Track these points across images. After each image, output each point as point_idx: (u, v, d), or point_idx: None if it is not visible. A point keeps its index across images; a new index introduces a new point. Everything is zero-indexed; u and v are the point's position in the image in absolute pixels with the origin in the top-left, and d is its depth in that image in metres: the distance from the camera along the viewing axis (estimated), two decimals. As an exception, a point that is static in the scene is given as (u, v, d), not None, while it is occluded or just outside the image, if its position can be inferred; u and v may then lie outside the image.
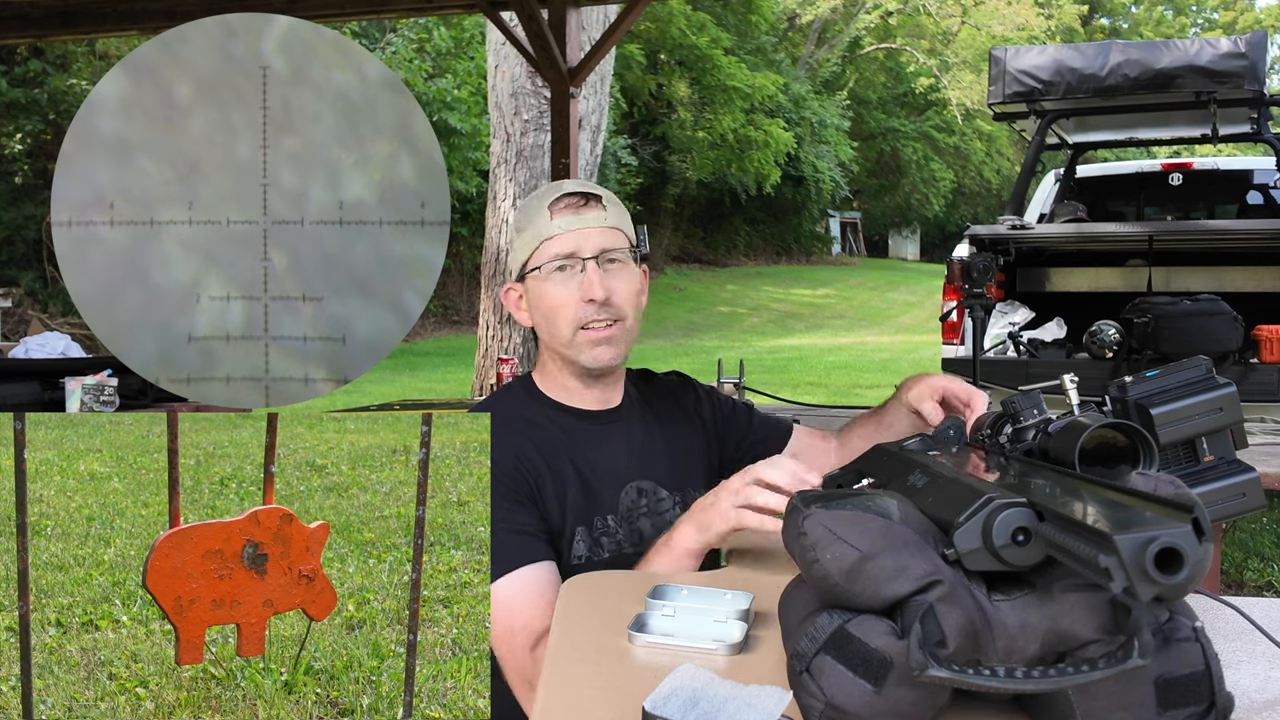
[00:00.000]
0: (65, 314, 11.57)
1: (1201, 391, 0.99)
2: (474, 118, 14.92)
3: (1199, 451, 0.99)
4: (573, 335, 1.41)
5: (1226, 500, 0.98)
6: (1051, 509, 0.69)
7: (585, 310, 1.39)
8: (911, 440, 1.20)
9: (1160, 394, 0.99)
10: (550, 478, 1.37)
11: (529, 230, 1.42)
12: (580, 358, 1.42)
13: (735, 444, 1.61)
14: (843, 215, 30.48)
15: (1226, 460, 1.00)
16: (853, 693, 0.73)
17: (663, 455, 1.49)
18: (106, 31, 5.68)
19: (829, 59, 28.85)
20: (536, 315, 1.45)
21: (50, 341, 4.11)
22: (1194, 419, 0.98)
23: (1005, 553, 0.71)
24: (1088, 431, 0.86)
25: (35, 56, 13.01)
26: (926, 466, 0.97)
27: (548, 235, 1.40)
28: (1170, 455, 0.99)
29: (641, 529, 1.43)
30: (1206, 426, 0.98)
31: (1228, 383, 1.00)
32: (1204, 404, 0.98)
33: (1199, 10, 42.15)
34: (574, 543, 1.37)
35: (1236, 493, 0.98)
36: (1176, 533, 0.57)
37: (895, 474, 1.09)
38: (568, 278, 1.40)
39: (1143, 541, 0.57)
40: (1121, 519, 0.60)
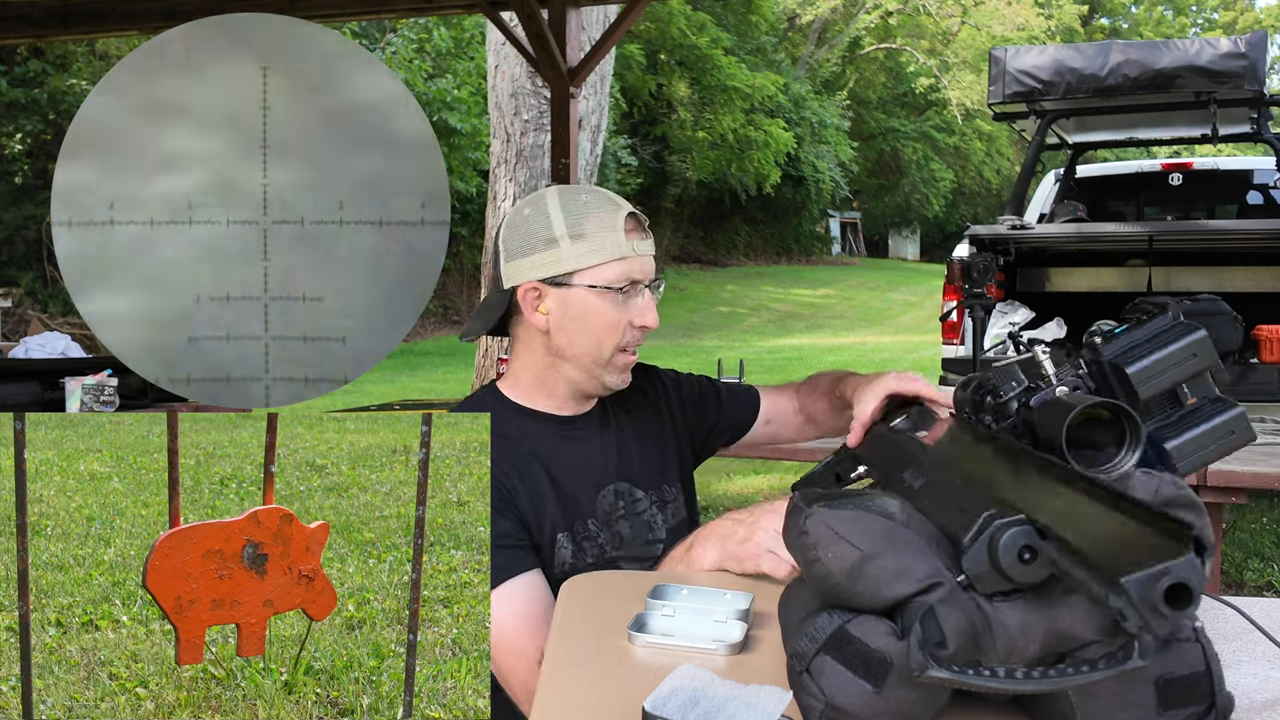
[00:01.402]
0: (65, 314, 11.57)
1: (1173, 341, 0.96)
2: (474, 118, 14.91)
3: (1181, 397, 0.98)
4: (611, 356, 1.40)
5: (1218, 440, 0.96)
6: (1052, 529, 0.69)
7: (633, 335, 1.40)
8: (899, 420, 1.20)
9: (1133, 350, 0.98)
10: (524, 487, 1.36)
11: (591, 240, 1.36)
12: (608, 378, 1.42)
13: (710, 426, 1.62)
14: (843, 215, 30.47)
15: (1210, 400, 0.98)
16: (853, 693, 0.73)
17: (636, 456, 1.49)
18: (106, 31, 5.68)
19: (829, 59, 28.85)
20: (571, 325, 1.39)
21: (50, 341, 4.12)
22: (1170, 370, 0.96)
23: (1013, 572, 0.71)
24: (1071, 416, 0.85)
25: (35, 56, 13.00)
26: (921, 463, 0.97)
27: (622, 255, 1.37)
28: (1153, 406, 0.97)
29: (620, 532, 1.42)
30: (1183, 375, 0.96)
31: (1197, 327, 0.98)
32: (1178, 353, 0.96)
33: (1199, 10, 42.15)
34: (557, 549, 1.37)
35: (1225, 431, 0.96)
36: (1183, 565, 0.56)
37: (891, 467, 1.09)
38: (625, 299, 1.38)
39: (1151, 578, 0.56)
40: (1128, 556, 0.59)
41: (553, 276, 1.38)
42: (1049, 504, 0.71)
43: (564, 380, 1.43)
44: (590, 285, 1.37)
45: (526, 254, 1.39)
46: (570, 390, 1.45)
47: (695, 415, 1.60)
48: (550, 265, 1.38)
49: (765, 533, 1.18)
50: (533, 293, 1.40)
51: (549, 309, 1.39)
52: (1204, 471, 2.26)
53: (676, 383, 1.63)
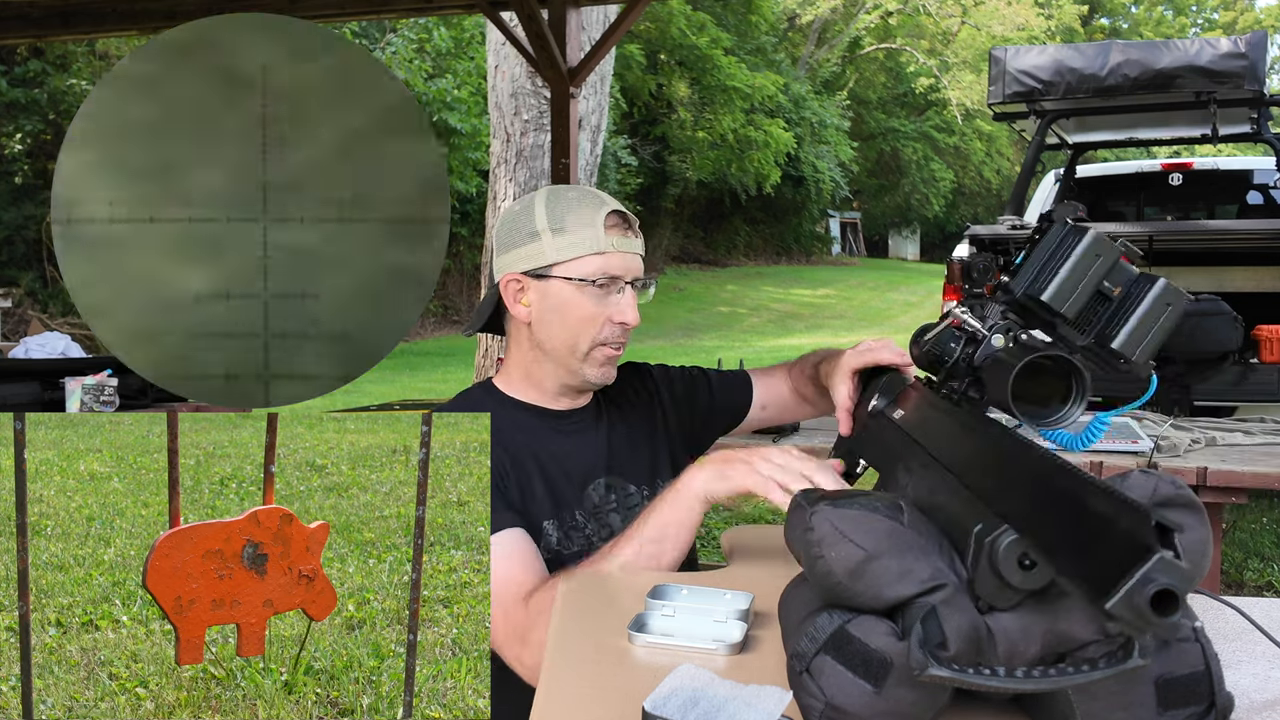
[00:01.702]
0: (65, 314, 11.57)
1: (1071, 250, 0.95)
2: (474, 118, 14.91)
3: (1106, 292, 0.96)
4: (589, 349, 1.42)
5: (1157, 319, 0.94)
6: (1035, 541, 0.68)
7: (611, 330, 1.41)
8: (875, 399, 1.20)
9: (1040, 275, 0.96)
10: (514, 473, 1.39)
11: (571, 235, 1.39)
12: (587, 372, 1.43)
13: (703, 415, 1.63)
14: (843, 215, 30.48)
15: (1132, 282, 0.95)
16: (853, 693, 0.73)
17: (628, 450, 1.51)
18: (106, 31, 5.67)
19: (829, 59, 28.85)
20: (550, 316, 1.42)
21: (50, 341, 4.11)
22: (1081, 280, 0.94)
23: (1017, 580, 0.70)
24: (1012, 378, 0.85)
25: (35, 56, 13.00)
26: (908, 462, 0.97)
27: (601, 250, 1.39)
28: (1087, 314, 0.96)
29: (612, 524, 1.45)
30: (1096, 277, 0.94)
31: (1087, 227, 0.96)
32: (1081, 261, 0.94)
33: (1199, 10, 42.14)
34: (544, 535, 1.39)
35: (1160, 307, 0.94)
36: (1159, 567, 0.54)
37: (883, 462, 1.09)
38: (604, 295, 1.40)
39: (1135, 586, 0.55)
40: (1102, 571, 0.57)
41: (534, 269, 1.41)
42: (1026, 501, 0.71)
43: (549, 374, 1.46)
44: (567, 278, 1.39)
45: (512, 248, 1.43)
46: (556, 384, 1.47)
47: (688, 407, 1.62)
48: (532, 258, 1.41)
49: (763, 459, 1.19)
50: (515, 284, 1.43)
51: (530, 301, 1.43)
52: (1204, 471, 2.26)
53: (668, 378, 1.64)
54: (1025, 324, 0.98)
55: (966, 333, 1.00)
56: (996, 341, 0.97)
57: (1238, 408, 3.96)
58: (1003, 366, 0.89)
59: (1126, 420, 2.60)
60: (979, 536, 0.72)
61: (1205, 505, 0.86)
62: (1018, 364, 0.85)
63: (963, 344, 0.99)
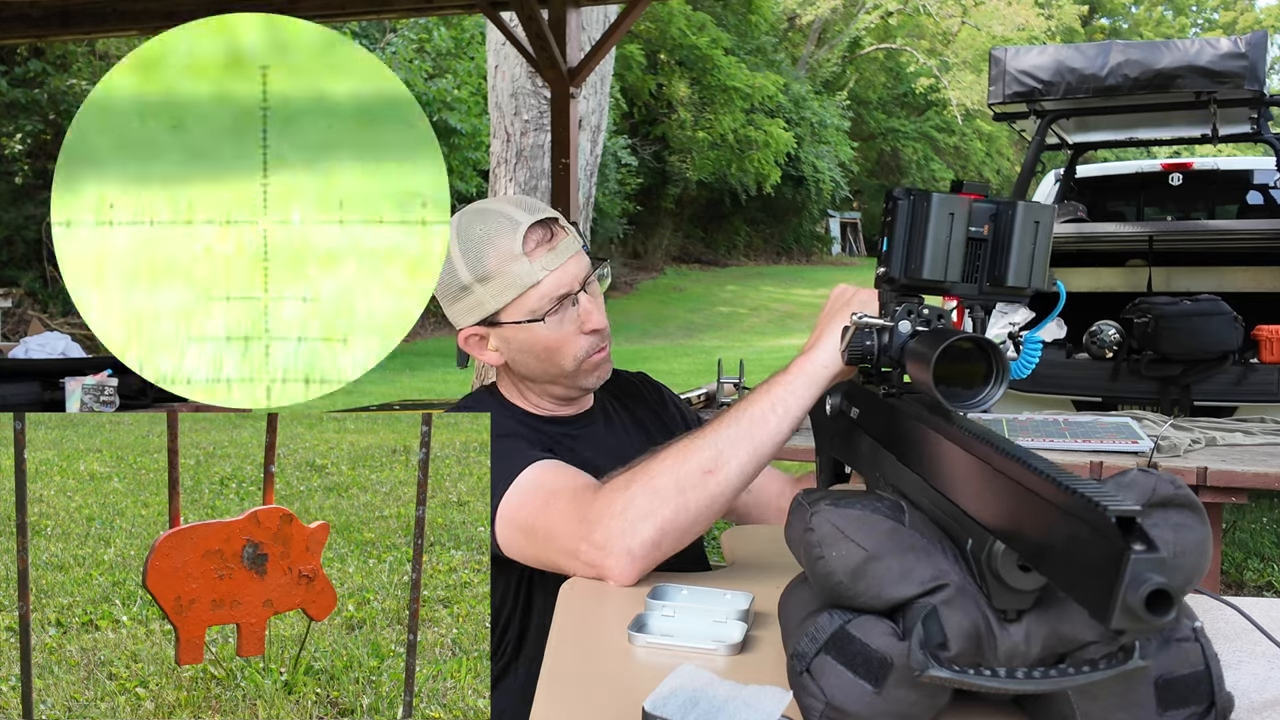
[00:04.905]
0: (65, 314, 11.56)
1: (926, 220, 0.93)
2: (474, 118, 14.91)
3: (976, 236, 0.95)
4: (576, 366, 1.38)
5: (1033, 238, 0.94)
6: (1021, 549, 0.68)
7: (589, 342, 1.37)
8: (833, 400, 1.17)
9: (910, 254, 0.95)
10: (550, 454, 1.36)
11: (499, 278, 1.33)
12: (582, 382, 1.41)
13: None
14: (843, 215, 30.44)
15: (994, 214, 0.94)
16: (853, 693, 0.73)
17: (637, 450, 1.50)
18: (106, 31, 5.67)
19: (829, 59, 28.84)
20: (521, 356, 1.38)
21: (50, 341, 4.11)
22: (944, 244, 0.92)
23: (1019, 582, 0.71)
24: (932, 369, 0.85)
25: (35, 56, 12.99)
26: (882, 469, 0.96)
27: (535, 280, 1.33)
28: (969, 266, 0.95)
29: None
30: (961, 230, 0.93)
31: (927, 193, 0.94)
32: (938, 225, 0.93)
33: (1199, 10, 42.13)
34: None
35: (1030, 225, 0.93)
36: (1139, 568, 0.52)
37: (857, 464, 1.09)
38: (561, 317, 1.35)
39: (1126, 596, 0.53)
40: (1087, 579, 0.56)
41: (482, 320, 1.36)
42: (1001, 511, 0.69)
43: (541, 393, 1.44)
44: (517, 321, 1.35)
45: (453, 303, 1.38)
46: (553, 398, 1.45)
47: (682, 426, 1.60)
48: (474, 310, 1.36)
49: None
50: (474, 337, 1.39)
51: (496, 346, 1.39)
52: (1204, 471, 2.26)
53: (674, 399, 1.63)
54: (921, 298, 0.99)
55: (874, 328, 1.00)
56: (904, 328, 0.98)
57: (1238, 408, 3.95)
58: (920, 358, 0.89)
59: (1126, 420, 2.60)
60: (974, 553, 0.72)
61: (1205, 505, 0.86)
62: (934, 354, 0.85)
63: (877, 339, 1.00)
